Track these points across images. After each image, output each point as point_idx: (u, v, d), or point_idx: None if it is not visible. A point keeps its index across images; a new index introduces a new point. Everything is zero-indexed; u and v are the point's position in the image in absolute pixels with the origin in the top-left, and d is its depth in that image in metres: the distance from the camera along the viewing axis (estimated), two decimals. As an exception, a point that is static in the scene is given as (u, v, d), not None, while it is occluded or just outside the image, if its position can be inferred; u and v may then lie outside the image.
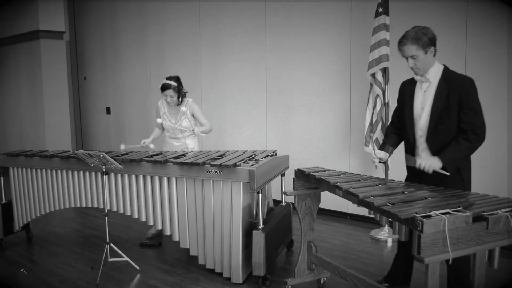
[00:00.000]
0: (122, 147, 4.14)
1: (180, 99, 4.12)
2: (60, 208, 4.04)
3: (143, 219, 3.67)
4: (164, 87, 4.02)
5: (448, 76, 2.67)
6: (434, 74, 2.70)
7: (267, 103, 5.48)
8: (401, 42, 2.68)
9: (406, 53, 2.67)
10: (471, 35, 3.94)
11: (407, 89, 2.86)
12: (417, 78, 2.76)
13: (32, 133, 7.51)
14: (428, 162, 2.59)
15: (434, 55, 2.68)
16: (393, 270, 3.09)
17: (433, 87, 2.70)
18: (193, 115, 4.16)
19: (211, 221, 3.37)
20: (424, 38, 2.60)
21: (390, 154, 2.95)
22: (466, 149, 2.59)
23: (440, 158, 2.59)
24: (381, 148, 2.99)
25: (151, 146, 4.13)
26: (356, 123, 4.75)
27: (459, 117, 2.62)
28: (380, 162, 2.89)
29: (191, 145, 4.21)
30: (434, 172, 2.58)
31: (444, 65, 2.73)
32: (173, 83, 4.03)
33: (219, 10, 5.82)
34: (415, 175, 2.78)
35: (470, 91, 2.60)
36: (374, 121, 4.20)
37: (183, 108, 4.13)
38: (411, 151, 2.85)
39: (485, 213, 2.01)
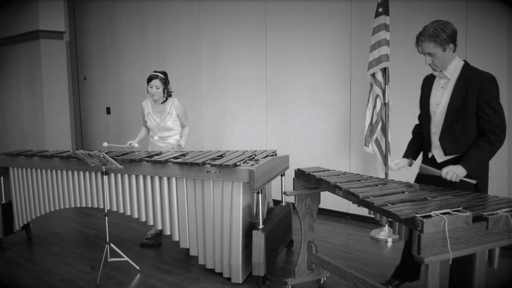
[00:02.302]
0: (105, 144, 4.16)
1: (165, 96, 4.15)
2: (60, 208, 4.04)
3: (143, 219, 3.67)
4: (151, 77, 4.09)
5: (467, 72, 2.57)
6: (453, 70, 2.60)
7: (267, 103, 5.47)
8: (419, 39, 2.56)
9: (423, 50, 2.56)
10: (471, 35, 3.94)
11: (426, 85, 2.78)
12: (435, 73, 2.67)
13: (32, 133, 7.51)
14: (454, 171, 2.48)
15: (454, 51, 2.57)
16: (400, 267, 3.05)
17: (451, 83, 2.60)
18: (178, 116, 4.17)
19: (211, 221, 3.37)
20: (442, 35, 2.48)
21: (415, 158, 2.85)
22: (488, 152, 2.49)
23: (463, 165, 2.49)
24: (406, 152, 2.89)
25: (136, 145, 4.15)
26: (356, 123, 4.75)
27: (478, 116, 2.52)
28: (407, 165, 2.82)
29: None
30: (461, 181, 2.48)
31: (464, 60, 2.63)
32: (160, 74, 4.11)
33: (218, 9, 5.82)
34: (425, 179, 2.70)
35: (490, 88, 2.50)
36: (374, 121, 4.20)
37: (168, 107, 4.15)
38: (427, 148, 2.78)
39: (485, 213, 2.01)
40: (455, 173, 2.48)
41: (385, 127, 4.17)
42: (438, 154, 2.70)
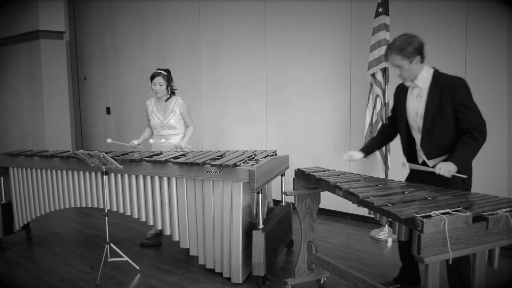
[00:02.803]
0: (109, 140, 4.17)
1: (169, 93, 4.17)
2: (60, 208, 4.04)
3: (143, 219, 3.67)
4: (154, 75, 4.13)
5: (438, 79, 2.66)
6: (424, 79, 2.68)
7: (267, 103, 5.47)
8: (387, 52, 2.68)
9: (391, 62, 2.67)
10: (471, 35, 3.94)
11: (401, 95, 2.86)
12: (407, 84, 2.75)
13: (32, 133, 7.51)
14: (446, 167, 2.53)
15: (422, 62, 2.66)
16: (403, 270, 3.07)
17: (425, 91, 2.68)
18: (181, 114, 4.18)
19: (211, 221, 3.37)
20: (408, 49, 2.58)
21: (366, 155, 3.02)
22: (474, 147, 2.57)
23: (452, 161, 2.54)
24: (364, 146, 3.11)
25: (135, 142, 4.18)
26: (356, 123, 4.75)
27: (457, 118, 2.60)
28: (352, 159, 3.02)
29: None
30: (452, 176, 2.55)
31: (433, 68, 2.72)
32: (163, 72, 4.14)
33: (218, 9, 5.82)
34: (417, 176, 2.78)
35: (462, 91, 2.59)
36: (374, 121, 4.20)
37: (171, 105, 4.15)
38: (406, 156, 2.86)
39: (485, 213, 2.02)
40: (447, 169, 2.53)
41: (385, 127, 4.17)
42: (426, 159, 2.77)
